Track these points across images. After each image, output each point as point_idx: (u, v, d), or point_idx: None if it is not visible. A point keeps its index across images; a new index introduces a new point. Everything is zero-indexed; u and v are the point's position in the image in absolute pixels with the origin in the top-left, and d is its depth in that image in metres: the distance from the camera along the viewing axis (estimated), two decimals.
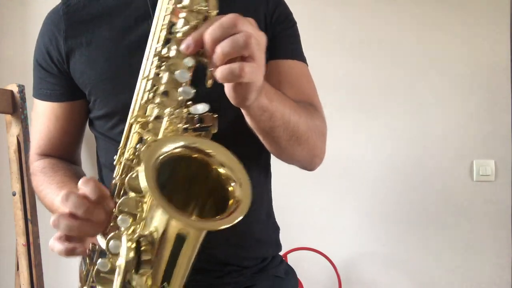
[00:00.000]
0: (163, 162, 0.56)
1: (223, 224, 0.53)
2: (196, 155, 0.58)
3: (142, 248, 0.55)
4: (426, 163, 1.96)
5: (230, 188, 0.57)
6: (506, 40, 1.98)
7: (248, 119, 0.69)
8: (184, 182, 0.61)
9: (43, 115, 0.90)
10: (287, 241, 1.00)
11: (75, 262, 0.74)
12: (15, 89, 1.45)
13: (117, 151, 0.67)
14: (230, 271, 0.85)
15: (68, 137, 0.91)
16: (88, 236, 0.61)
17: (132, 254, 0.54)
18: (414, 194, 1.96)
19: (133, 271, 0.56)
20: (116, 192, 0.63)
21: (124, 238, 0.55)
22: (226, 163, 0.58)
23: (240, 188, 0.57)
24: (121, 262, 0.55)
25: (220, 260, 0.84)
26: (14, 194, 1.41)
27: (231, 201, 0.57)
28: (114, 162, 0.66)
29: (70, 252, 0.61)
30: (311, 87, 0.90)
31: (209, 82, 0.57)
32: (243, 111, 0.67)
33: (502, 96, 1.97)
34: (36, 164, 0.90)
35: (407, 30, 1.98)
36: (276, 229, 0.97)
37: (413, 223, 1.96)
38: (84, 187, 0.59)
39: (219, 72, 0.55)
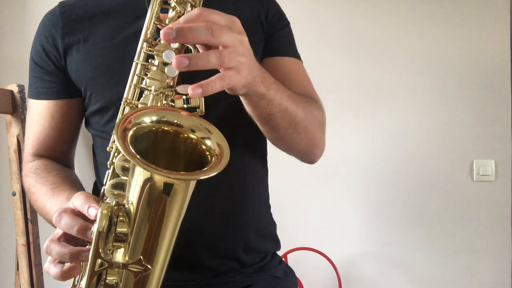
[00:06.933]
0: (138, 136, 0.56)
1: (209, 173, 0.52)
2: (167, 128, 0.59)
3: (120, 219, 0.55)
4: (426, 163, 1.96)
5: (205, 147, 0.58)
6: (506, 40, 1.97)
7: (246, 106, 0.70)
8: (161, 154, 0.61)
9: (38, 114, 0.89)
10: (287, 241, 1.00)
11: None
12: (15, 89, 1.45)
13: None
14: (228, 269, 0.84)
15: (63, 137, 0.90)
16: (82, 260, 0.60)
17: (105, 222, 0.53)
18: (414, 194, 1.96)
19: (109, 242, 0.54)
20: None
21: (101, 206, 0.54)
22: (195, 127, 0.59)
23: (214, 139, 0.57)
24: (94, 229, 0.54)
25: (219, 254, 0.83)
26: (14, 194, 1.41)
27: (209, 155, 0.57)
28: (108, 163, 0.66)
29: (66, 276, 0.61)
30: (309, 82, 0.92)
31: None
32: (241, 98, 0.68)
33: (502, 96, 1.97)
34: (29, 166, 0.88)
35: (406, 30, 1.98)
36: (274, 224, 0.96)
37: (413, 223, 1.96)
38: (75, 200, 0.61)
39: (199, 59, 0.52)
